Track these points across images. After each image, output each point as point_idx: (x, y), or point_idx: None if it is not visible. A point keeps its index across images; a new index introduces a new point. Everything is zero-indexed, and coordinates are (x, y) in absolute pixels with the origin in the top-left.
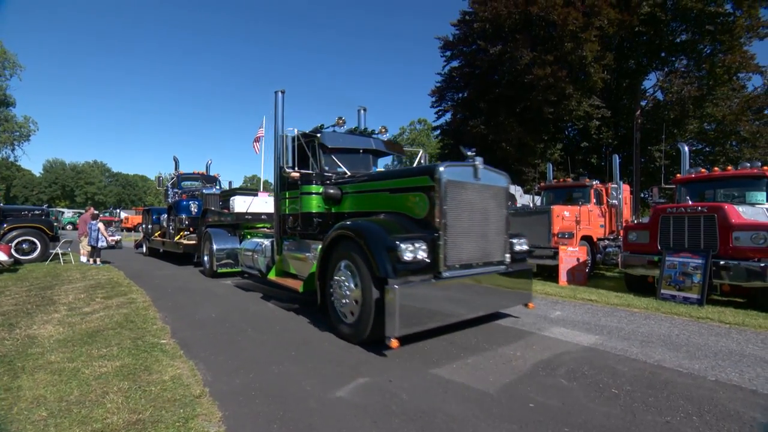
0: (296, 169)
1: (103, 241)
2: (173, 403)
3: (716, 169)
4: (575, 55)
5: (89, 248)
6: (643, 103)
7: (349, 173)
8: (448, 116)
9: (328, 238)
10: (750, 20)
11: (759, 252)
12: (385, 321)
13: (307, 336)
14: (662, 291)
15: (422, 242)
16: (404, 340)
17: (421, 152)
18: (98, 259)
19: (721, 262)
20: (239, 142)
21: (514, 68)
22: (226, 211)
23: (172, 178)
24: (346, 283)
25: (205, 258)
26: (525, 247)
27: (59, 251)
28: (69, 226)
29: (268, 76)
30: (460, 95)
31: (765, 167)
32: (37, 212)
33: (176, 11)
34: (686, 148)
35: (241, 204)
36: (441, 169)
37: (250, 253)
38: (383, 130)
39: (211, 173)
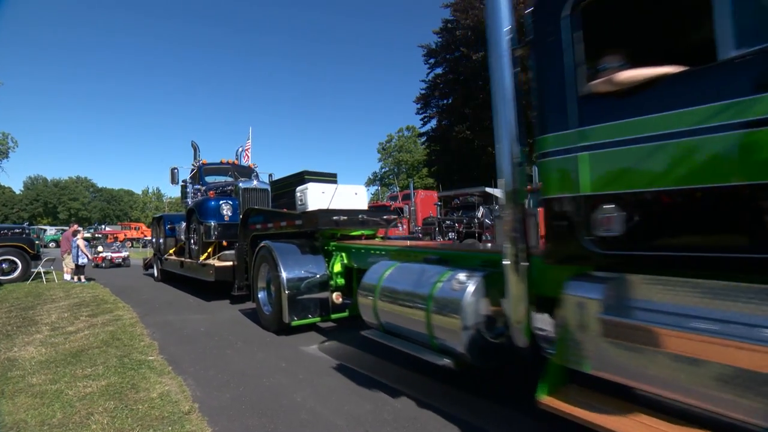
0: None
1: (83, 258)
2: (161, 420)
3: None
4: None
5: (73, 266)
6: None
7: None
8: (433, 123)
9: None
10: None
11: None
12: None
13: (297, 348)
14: None
15: None
16: None
17: None
18: (83, 277)
19: None
20: (222, 153)
21: None
22: (285, 210)
23: (192, 171)
24: None
25: (261, 295)
26: None
27: (41, 270)
28: (52, 244)
29: (251, 80)
30: (445, 101)
31: None
32: (16, 230)
33: (168, 22)
34: None
35: (317, 197)
36: None
37: (431, 306)
38: None
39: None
